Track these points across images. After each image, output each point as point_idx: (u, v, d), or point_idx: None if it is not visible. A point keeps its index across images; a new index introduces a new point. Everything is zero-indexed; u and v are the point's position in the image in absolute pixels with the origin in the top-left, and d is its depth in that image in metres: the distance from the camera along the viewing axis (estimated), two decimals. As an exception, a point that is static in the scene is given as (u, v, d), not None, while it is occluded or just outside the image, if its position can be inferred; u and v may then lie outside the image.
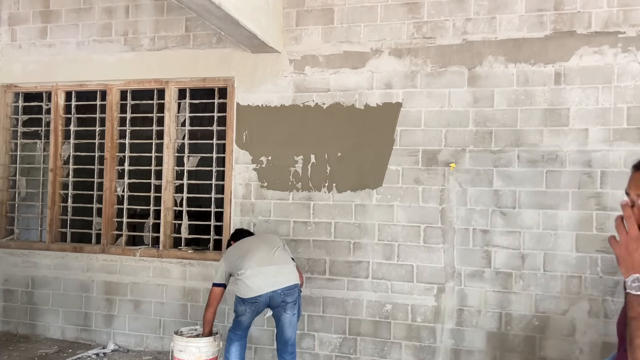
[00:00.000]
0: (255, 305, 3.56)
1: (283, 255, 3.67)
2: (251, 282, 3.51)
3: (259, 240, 3.83)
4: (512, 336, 3.93)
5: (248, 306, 3.55)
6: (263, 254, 3.61)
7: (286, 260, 3.66)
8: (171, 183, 4.76)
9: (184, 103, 4.77)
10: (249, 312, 3.59)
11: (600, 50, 3.81)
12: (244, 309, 3.57)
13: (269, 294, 3.52)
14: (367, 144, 4.25)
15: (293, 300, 3.58)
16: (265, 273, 3.53)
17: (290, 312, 3.58)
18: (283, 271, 3.59)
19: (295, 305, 3.61)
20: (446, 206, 4.08)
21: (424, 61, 4.14)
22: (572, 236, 3.83)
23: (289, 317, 3.59)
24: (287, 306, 3.57)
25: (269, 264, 3.57)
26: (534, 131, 3.91)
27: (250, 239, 3.84)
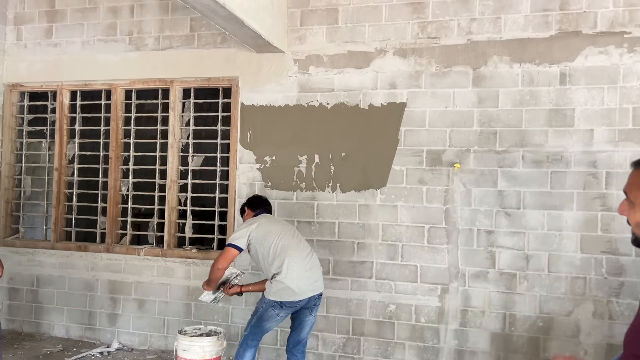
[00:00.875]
0: (293, 309, 3.49)
1: (316, 257, 3.64)
2: (296, 286, 3.40)
3: (292, 234, 3.58)
4: (516, 337, 3.92)
5: (285, 310, 3.46)
6: (304, 255, 3.51)
7: (319, 265, 3.65)
8: (175, 182, 4.77)
9: (188, 103, 4.78)
10: (281, 316, 3.49)
11: (606, 50, 3.79)
12: (278, 312, 3.44)
13: (309, 298, 3.48)
14: (371, 144, 4.24)
15: (319, 303, 3.65)
16: (309, 278, 3.48)
17: (315, 314, 3.63)
18: (320, 277, 3.60)
19: (317, 308, 3.65)
20: (450, 206, 4.07)
21: (429, 61, 4.13)
22: (577, 237, 3.81)
23: (312, 320, 3.63)
24: (315, 309, 3.61)
25: (310, 269, 3.51)
26: (539, 132, 3.89)
27: (281, 226, 3.61)
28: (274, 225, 3.59)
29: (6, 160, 5.22)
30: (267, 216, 3.75)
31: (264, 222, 3.59)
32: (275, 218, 3.89)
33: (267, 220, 3.64)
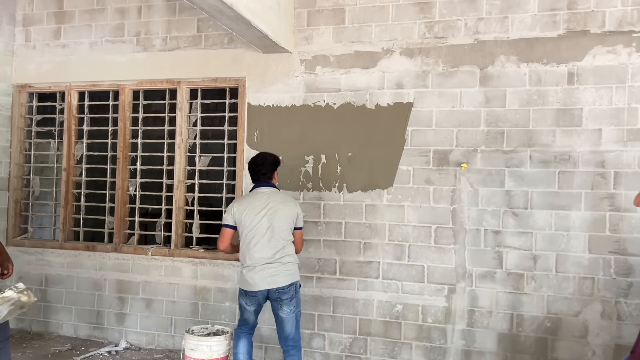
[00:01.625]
0: (255, 299, 3.58)
1: (286, 252, 3.58)
2: (250, 277, 3.54)
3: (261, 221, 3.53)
4: (523, 337, 3.91)
5: (249, 299, 3.59)
6: (268, 249, 3.52)
7: (287, 260, 3.58)
8: (183, 182, 4.79)
9: (195, 103, 4.80)
10: (249, 305, 3.60)
11: (614, 49, 3.77)
12: (245, 301, 3.60)
13: (267, 291, 3.55)
14: (378, 144, 4.24)
15: (289, 297, 3.56)
16: (264, 271, 3.52)
17: (287, 308, 3.56)
18: (282, 271, 3.55)
19: (291, 301, 3.57)
20: (457, 207, 4.06)
21: (436, 61, 4.13)
22: (585, 237, 3.80)
23: (285, 313, 3.57)
24: (283, 304, 3.56)
25: (268, 261, 3.52)
26: (547, 131, 3.88)
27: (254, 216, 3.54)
28: (250, 209, 3.55)
29: (15, 160, 5.26)
30: (249, 199, 3.63)
31: (241, 207, 3.58)
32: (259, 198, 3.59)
33: (246, 205, 3.58)
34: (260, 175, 3.66)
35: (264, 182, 3.66)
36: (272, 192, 3.64)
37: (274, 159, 3.73)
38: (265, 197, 3.59)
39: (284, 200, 3.65)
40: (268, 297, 3.59)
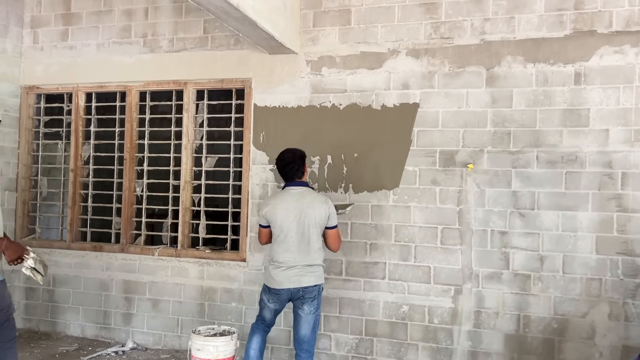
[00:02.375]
0: (277, 297, 3.57)
1: (314, 252, 3.56)
2: (275, 274, 3.54)
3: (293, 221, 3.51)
4: (530, 339, 3.89)
5: (271, 296, 3.59)
6: (297, 252, 3.52)
7: (315, 260, 3.57)
8: (189, 183, 4.81)
9: (202, 104, 4.82)
10: (271, 303, 3.60)
11: (622, 49, 3.75)
12: (267, 298, 3.60)
13: (289, 290, 3.54)
14: (384, 145, 4.24)
15: (311, 297, 3.55)
16: (290, 270, 3.53)
17: (308, 307, 3.55)
18: (307, 272, 3.55)
19: (313, 302, 3.56)
20: (464, 207, 4.06)
21: (442, 61, 4.13)
22: (592, 238, 3.78)
23: (305, 313, 3.56)
24: (304, 303, 3.55)
25: (295, 261, 3.52)
26: (554, 132, 3.87)
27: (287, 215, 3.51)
28: (280, 211, 3.53)
29: (23, 161, 5.29)
30: (282, 196, 3.59)
31: (272, 207, 3.56)
32: (289, 199, 3.56)
33: (278, 204, 3.56)
34: (293, 172, 3.59)
35: (296, 182, 3.60)
36: (303, 192, 3.58)
37: (302, 153, 3.66)
38: (296, 198, 3.54)
39: (315, 201, 3.56)
40: (291, 297, 3.57)
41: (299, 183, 3.61)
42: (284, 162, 3.60)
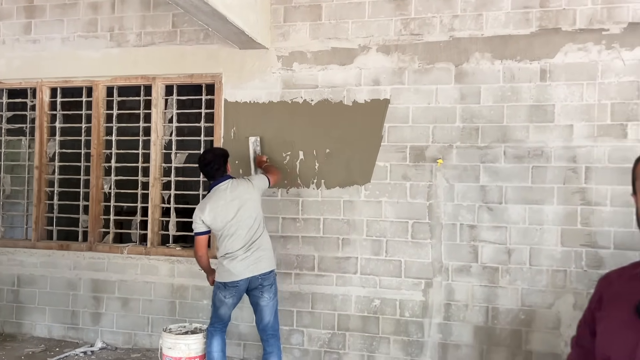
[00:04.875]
0: (236, 290, 3.59)
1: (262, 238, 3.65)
2: (232, 267, 3.56)
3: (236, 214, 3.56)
4: (498, 330, 3.98)
5: (229, 291, 3.59)
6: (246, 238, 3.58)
7: (264, 245, 3.65)
8: (158, 180, 4.74)
9: (171, 99, 4.74)
10: (228, 299, 3.60)
11: (585, 47, 3.85)
12: (224, 294, 3.59)
13: (249, 279, 3.58)
14: (356, 141, 4.26)
15: (269, 284, 3.64)
16: (247, 259, 3.57)
17: (267, 295, 3.63)
18: (263, 257, 3.63)
19: (271, 289, 3.64)
20: (434, 202, 4.11)
21: (412, 58, 4.16)
22: (558, 231, 3.88)
23: (265, 301, 3.63)
24: (264, 289, 3.61)
25: (249, 250, 3.58)
26: (520, 127, 3.95)
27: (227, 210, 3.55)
28: (220, 210, 3.56)
29: (-15, 158, 5.12)
30: (215, 196, 3.60)
31: (210, 209, 3.57)
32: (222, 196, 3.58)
33: (215, 205, 3.58)
34: (214, 171, 3.66)
35: (220, 178, 3.67)
36: (232, 184, 3.66)
37: (222, 152, 3.78)
38: (229, 192, 3.61)
39: (247, 188, 3.67)
40: (249, 287, 3.61)
41: (223, 178, 3.67)
42: (204, 162, 3.67)
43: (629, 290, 1.26)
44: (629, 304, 1.22)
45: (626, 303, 1.24)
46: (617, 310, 1.27)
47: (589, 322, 1.38)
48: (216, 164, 3.65)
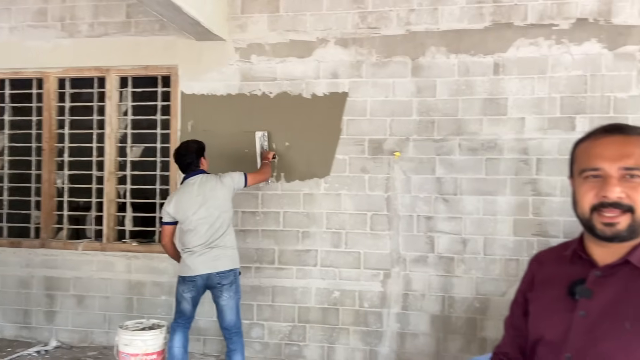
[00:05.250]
0: (194, 285, 3.57)
1: (225, 236, 3.62)
2: (191, 262, 3.55)
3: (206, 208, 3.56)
4: (454, 318, 4.07)
5: (187, 286, 3.58)
6: (207, 235, 3.55)
7: (226, 243, 3.62)
8: (114, 174, 4.63)
9: (126, 91, 4.63)
10: (187, 293, 3.58)
11: (536, 42, 3.96)
12: (183, 289, 3.59)
13: (207, 276, 3.55)
14: (315, 134, 4.26)
15: (228, 282, 3.60)
16: (206, 254, 3.55)
17: (227, 294, 3.59)
18: (222, 256, 3.59)
19: (231, 287, 3.61)
20: (391, 194, 4.16)
21: (369, 51, 4.19)
22: (510, 221, 3.99)
23: (225, 300, 3.60)
24: (224, 288, 3.58)
25: (209, 246, 3.56)
26: (474, 120, 4.03)
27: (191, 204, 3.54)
28: (185, 204, 3.56)
29: None
30: (183, 189, 3.61)
31: (176, 201, 3.59)
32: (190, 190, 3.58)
33: (182, 197, 3.59)
34: (186, 165, 3.67)
35: (193, 172, 3.65)
36: (202, 180, 3.62)
37: (198, 146, 3.72)
38: (197, 187, 3.59)
39: (215, 185, 3.61)
40: (207, 284, 3.58)
41: (196, 172, 3.65)
42: (178, 154, 3.69)
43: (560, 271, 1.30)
44: (561, 284, 1.26)
45: (558, 283, 1.28)
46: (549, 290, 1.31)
47: (521, 302, 1.42)
48: (189, 158, 3.65)
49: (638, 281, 1.17)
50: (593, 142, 1.24)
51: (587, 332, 1.18)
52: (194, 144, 3.72)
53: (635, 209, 1.16)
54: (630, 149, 1.18)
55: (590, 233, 1.24)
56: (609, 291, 1.19)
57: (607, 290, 1.20)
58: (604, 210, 1.17)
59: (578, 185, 1.25)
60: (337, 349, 4.24)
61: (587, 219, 1.22)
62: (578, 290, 1.22)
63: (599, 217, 1.18)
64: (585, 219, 1.22)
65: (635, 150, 1.18)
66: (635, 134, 1.21)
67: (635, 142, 1.19)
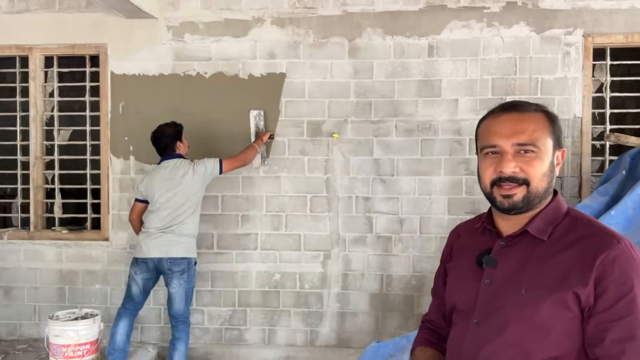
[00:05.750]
0: (145, 267, 3.55)
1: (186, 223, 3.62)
2: (144, 243, 3.56)
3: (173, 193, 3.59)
4: (392, 296, 4.16)
5: (139, 268, 3.57)
6: (167, 219, 3.57)
7: (184, 231, 3.61)
8: (40, 159, 4.39)
9: (51, 72, 4.38)
10: (138, 275, 3.56)
11: (468, 24, 4.04)
12: (135, 270, 3.58)
13: (158, 260, 3.55)
14: (253, 115, 4.20)
15: (180, 270, 3.58)
16: (159, 238, 3.55)
17: (177, 281, 3.58)
18: (177, 242, 3.57)
19: (182, 276, 3.59)
20: (330, 175, 4.17)
21: (306, 31, 4.14)
22: (445, 200, 4.10)
23: (175, 287, 3.60)
24: (174, 275, 3.57)
25: (164, 231, 3.57)
26: (410, 102, 4.09)
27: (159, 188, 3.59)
28: (156, 185, 3.62)
29: None
30: (157, 171, 3.68)
31: (149, 180, 3.68)
32: (162, 173, 3.63)
33: (154, 178, 3.65)
34: (161, 148, 3.71)
35: (168, 155, 3.68)
36: (175, 164, 3.66)
37: (175, 129, 3.73)
38: (168, 171, 3.63)
39: (186, 172, 3.63)
40: (159, 268, 3.56)
41: (172, 156, 3.70)
42: (154, 137, 3.73)
43: (472, 242, 1.37)
44: (472, 254, 1.32)
45: (470, 254, 1.34)
46: (462, 260, 1.37)
47: (441, 273, 1.49)
48: (163, 142, 3.69)
49: (535, 250, 1.23)
50: (492, 120, 1.29)
51: (490, 299, 1.24)
52: (170, 127, 3.71)
53: (531, 182, 1.21)
54: (525, 125, 1.23)
55: (493, 206, 1.30)
56: (511, 260, 1.25)
57: (509, 259, 1.25)
58: (502, 184, 1.22)
59: (480, 161, 1.31)
60: (278, 331, 4.25)
61: (488, 192, 1.27)
62: (484, 260, 1.28)
63: (498, 190, 1.24)
64: (487, 193, 1.28)
65: (529, 127, 1.23)
66: (530, 110, 1.26)
67: (529, 118, 1.24)
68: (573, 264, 1.17)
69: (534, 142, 1.22)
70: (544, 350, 1.17)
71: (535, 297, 1.18)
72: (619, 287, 1.13)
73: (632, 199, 3.11)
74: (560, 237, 1.23)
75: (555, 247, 1.22)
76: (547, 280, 1.18)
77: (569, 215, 1.27)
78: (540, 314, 1.16)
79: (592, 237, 1.20)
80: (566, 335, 1.16)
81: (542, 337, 1.17)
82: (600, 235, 1.20)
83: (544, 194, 1.24)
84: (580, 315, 1.16)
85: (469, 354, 1.25)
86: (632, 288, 1.12)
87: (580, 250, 1.18)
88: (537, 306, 1.17)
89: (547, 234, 1.23)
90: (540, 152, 1.22)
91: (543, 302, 1.16)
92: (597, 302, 1.14)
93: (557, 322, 1.16)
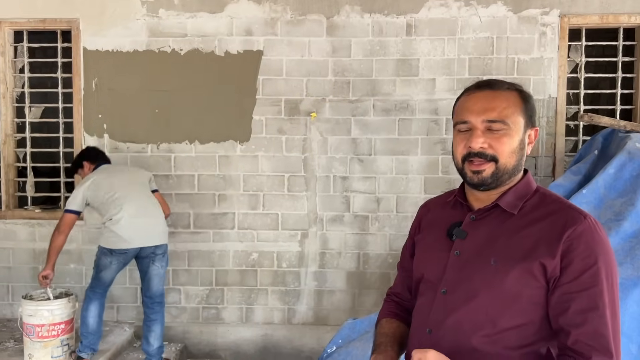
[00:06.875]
0: (123, 257, 3.48)
1: (157, 207, 3.62)
2: (124, 233, 3.42)
3: (132, 181, 3.59)
4: (369, 274, 4.21)
5: (115, 258, 3.46)
6: (140, 203, 3.52)
7: (160, 216, 3.62)
8: (11, 137, 4.29)
9: (21, 47, 4.26)
10: (114, 265, 3.48)
11: (446, 3, 4.03)
12: (110, 261, 3.45)
13: (141, 248, 3.50)
14: (230, 93, 4.15)
15: (162, 252, 3.61)
16: (141, 228, 3.48)
17: (159, 263, 3.59)
18: (158, 229, 3.58)
19: (164, 257, 3.63)
20: (308, 155, 4.17)
21: (284, 8, 4.09)
22: (421, 179, 4.13)
23: (156, 269, 3.59)
24: (156, 258, 3.57)
25: (144, 216, 3.51)
26: (388, 81, 4.08)
27: (121, 175, 3.61)
28: (112, 178, 3.53)
29: None
30: (106, 168, 3.63)
31: (100, 177, 3.52)
32: (118, 168, 3.77)
33: (105, 174, 3.55)
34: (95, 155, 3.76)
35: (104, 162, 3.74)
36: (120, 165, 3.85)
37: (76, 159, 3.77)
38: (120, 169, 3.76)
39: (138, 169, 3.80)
40: (139, 255, 3.53)
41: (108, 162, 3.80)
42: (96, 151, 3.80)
43: (443, 215, 1.39)
44: (443, 227, 1.35)
45: (440, 227, 1.36)
46: (432, 233, 1.40)
47: (409, 246, 1.51)
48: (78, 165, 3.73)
49: (505, 223, 1.26)
50: (466, 97, 1.31)
51: (459, 269, 1.27)
52: None
53: (499, 159, 1.23)
54: (496, 102, 1.25)
55: (464, 180, 1.32)
56: (481, 232, 1.28)
57: (480, 232, 1.28)
58: (472, 159, 1.24)
59: (454, 137, 1.32)
60: (255, 310, 4.27)
61: (460, 167, 1.29)
62: (455, 232, 1.31)
63: (469, 165, 1.26)
64: (459, 168, 1.30)
65: (499, 104, 1.25)
66: (503, 89, 1.28)
67: (501, 96, 1.26)
68: (541, 236, 1.21)
69: (503, 119, 1.24)
70: (510, 317, 1.20)
71: (503, 267, 1.21)
72: (583, 260, 1.16)
73: (603, 179, 3.18)
74: (530, 211, 1.27)
75: (525, 220, 1.25)
76: (516, 252, 1.22)
77: (539, 192, 1.31)
78: (508, 282, 1.20)
79: (560, 213, 1.23)
80: (532, 304, 1.20)
81: (509, 305, 1.20)
82: (568, 211, 1.24)
83: (512, 170, 1.27)
84: (546, 286, 1.19)
85: (435, 321, 1.28)
86: (596, 261, 1.16)
87: (549, 224, 1.22)
88: (506, 275, 1.20)
89: (518, 209, 1.26)
90: (510, 130, 1.24)
91: (511, 271, 1.20)
92: (562, 274, 1.17)
93: (524, 291, 1.20)
